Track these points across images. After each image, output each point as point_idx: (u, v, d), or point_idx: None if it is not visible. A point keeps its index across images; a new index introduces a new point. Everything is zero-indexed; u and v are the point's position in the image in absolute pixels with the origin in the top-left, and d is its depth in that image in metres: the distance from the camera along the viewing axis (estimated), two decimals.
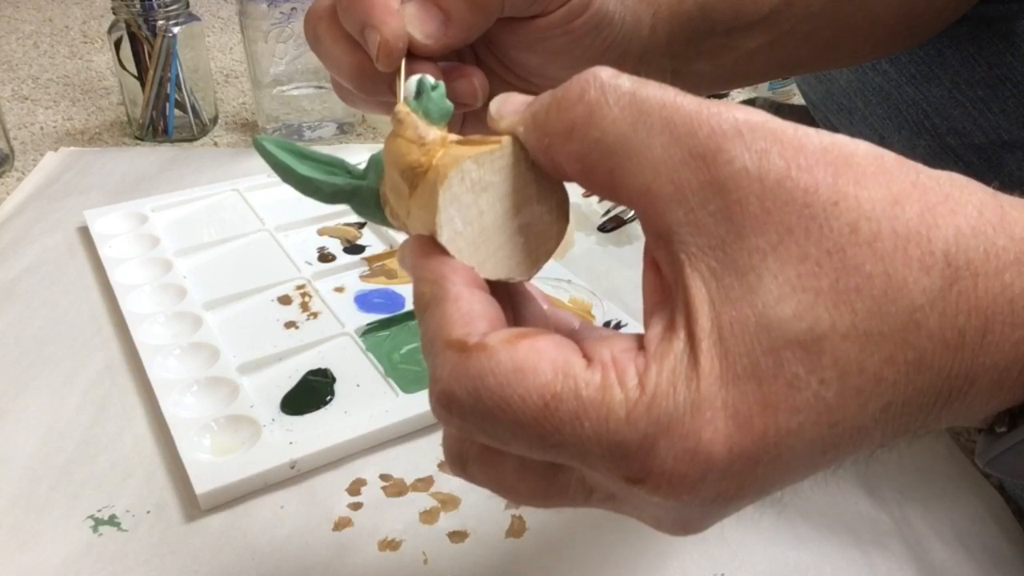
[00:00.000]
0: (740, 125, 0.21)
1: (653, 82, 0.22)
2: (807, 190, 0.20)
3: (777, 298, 0.20)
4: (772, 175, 0.20)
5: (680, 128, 0.21)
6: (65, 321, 0.63)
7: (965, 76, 0.53)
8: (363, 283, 0.66)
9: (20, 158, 0.92)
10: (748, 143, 0.20)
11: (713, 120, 0.21)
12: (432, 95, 0.28)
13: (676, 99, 0.22)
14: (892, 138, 0.60)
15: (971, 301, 0.19)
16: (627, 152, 0.22)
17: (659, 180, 0.21)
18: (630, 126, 0.21)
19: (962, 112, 0.54)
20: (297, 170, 0.32)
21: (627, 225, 0.76)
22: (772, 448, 0.20)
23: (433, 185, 0.25)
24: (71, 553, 0.44)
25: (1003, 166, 0.54)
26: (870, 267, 0.19)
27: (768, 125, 0.21)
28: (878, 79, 0.58)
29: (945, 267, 0.19)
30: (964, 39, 0.52)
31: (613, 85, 0.22)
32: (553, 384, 0.21)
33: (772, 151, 0.20)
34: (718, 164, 0.20)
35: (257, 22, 0.89)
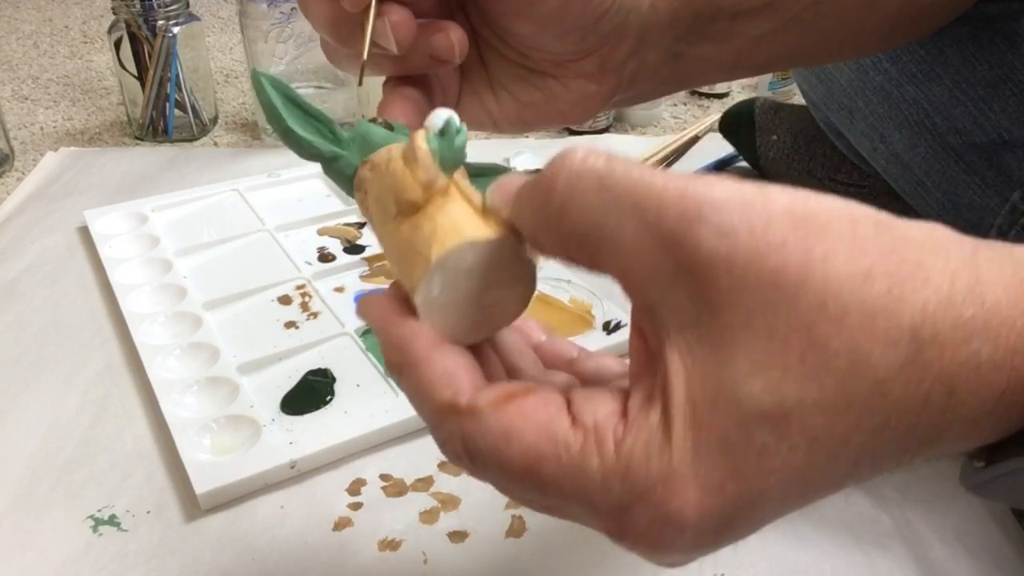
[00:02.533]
0: (706, 208, 0.21)
1: (623, 162, 0.23)
2: (775, 270, 0.20)
3: (747, 374, 0.20)
4: (740, 257, 0.20)
5: (648, 214, 0.21)
6: (65, 321, 0.63)
7: (966, 75, 0.53)
8: (363, 283, 0.66)
9: (20, 158, 0.92)
10: (715, 225, 0.21)
11: (680, 204, 0.21)
12: (456, 139, 0.27)
13: (644, 182, 0.22)
14: (892, 137, 0.60)
15: (936, 369, 0.20)
16: (601, 239, 0.22)
17: (634, 264, 0.22)
18: (602, 215, 0.22)
19: (963, 111, 0.54)
20: (284, 119, 0.31)
21: None
22: (745, 507, 0.21)
23: (423, 234, 0.26)
24: (71, 553, 0.44)
25: (1004, 165, 0.54)
26: (836, 343, 0.20)
27: (735, 202, 0.21)
28: (879, 78, 0.58)
29: (911, 340, 0.20)
30: (965, 38, 0.52)
31: (584, 172, 0.23)
32: (536, 447, 0.22)
33: (740, 232, 0.20)
34: (686, 250, 0.21)
35: (257, 22, 0.88)
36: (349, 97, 0.95)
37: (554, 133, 0.96)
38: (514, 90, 0.40)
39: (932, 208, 0.61)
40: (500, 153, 0.87)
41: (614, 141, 0.92)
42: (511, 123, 0.41)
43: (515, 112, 0.40)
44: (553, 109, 0.40)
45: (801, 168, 0.76)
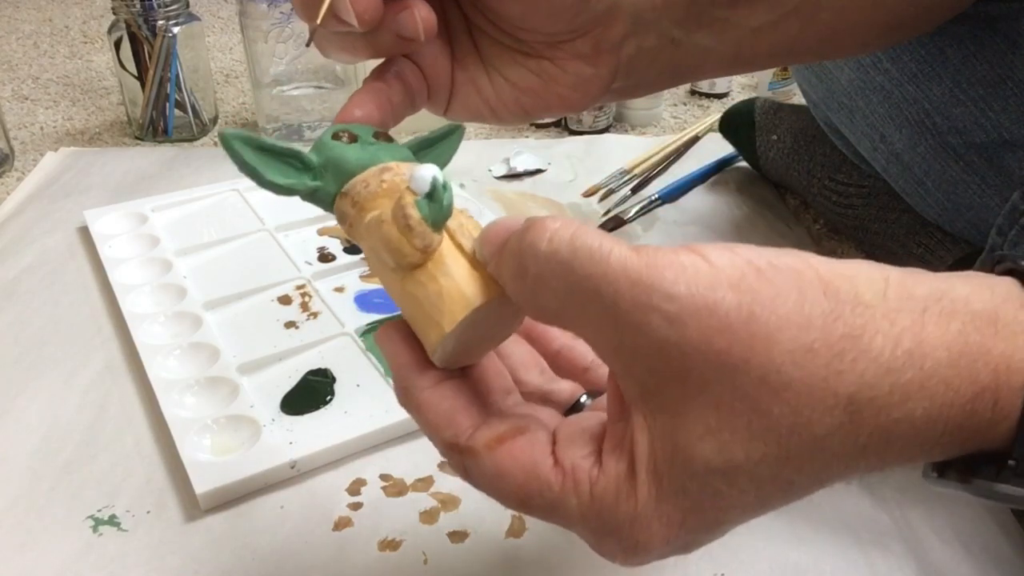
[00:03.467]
0: (656, 297, 0.23)
1: (586, 245, 0.24)
2: (720, 352, 0.22)
3: (700, 437, 0.23)
4: (689, 342, 0.22)
5: (607, 300, 0.23)
6: (65, 321, 0.63)
7: (966, 75, 0.53)
8: (363, 283, 0.66)
9: (20, 158, 0.92)
10: (665, 315, 0.22)
11: (633, 292, 0.23)
12: (444, 199, 0.28)
13: (603, 268, 0.23)
14: (893, 137, 0.60)
15: (872, 425, 0.22)
16: (570, 319, 0.25)
17: (599, 341, 0.25)
18: (568, 299, 0.25)
19: (963, 111, 0.54)
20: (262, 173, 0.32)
21: (627, 225, 0.76)
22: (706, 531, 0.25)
23: (429, 295, 0.28)
24: (71, 553, 0.44)
25: (1004, 165, 0.54)
26: (778, 411, 0.22)
27: (683, 290, 0.22)
28: (879, 78, 0.58)
29: (848, 405, 0.22)
30: (966, 38, 0.52)
31: (550, 257, 0.25)
32: (525, 486, 0.26)
33: (688, 322, 0.22)
34: (641, 337, 0.23)
35: (257, 22, 0.88)
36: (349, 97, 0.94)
37: (554, 133, 0.96)
38: (510, 75, 0.39)
39: (932, 208, 0.61)
40: (500, 153, 0.87)
41: (614, 141, 0.92)
42: (509, 110, 0.40)
43: (512, 98, 0.40)
44: (551, 94, 0.40)
45: (801, 168, 0.76)
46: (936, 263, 0.62)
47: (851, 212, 0.71)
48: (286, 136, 0.94)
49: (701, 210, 0.78)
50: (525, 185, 0.83)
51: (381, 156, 0.32)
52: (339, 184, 0.32)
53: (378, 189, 0.31)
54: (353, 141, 0.32)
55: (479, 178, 0.84)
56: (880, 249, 0.68)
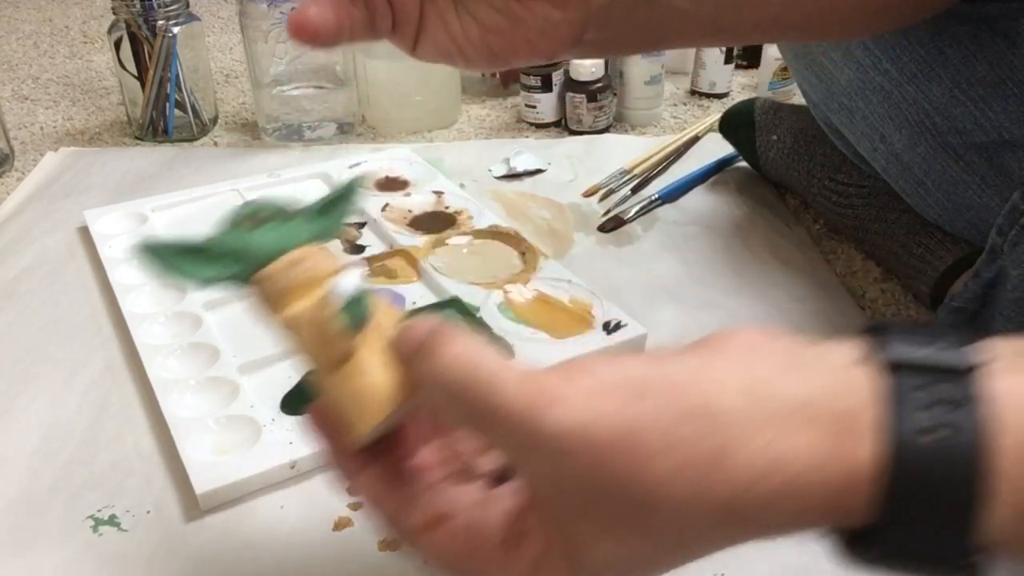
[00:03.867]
0: (544, 438, 0.25)
1: (485, 374, 0.26)
2: (604, 478, 0.24)
3: (589, 542, 0.26)
4: (576, 472, 0.25)
5: (499, 432, 0.26)
6: (65, 321, 0.63)
7: (966, 75, 0.53)
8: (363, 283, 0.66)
9: (20, 158, 0.92)
10: (552, 451, 0.25)
11: (521, 431, 0.25)
12: (364, 307, 0.31)
13: (496, 404, 0.26)
14: (893, 137, 0.59)
15: (742, 523, 0.25)
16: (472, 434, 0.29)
17: (495, 453, 0.28)
18: (467, 423, 0.27)
19: (963, 111, 0.54)
20: (185, 276, 0.33)
21: (627, 225, 0.76)
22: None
23: (352, 394, 0.30)
24: (71, 553, 0.44)
25: (1004, 165, 0.54)
26: (656, 522, 0.25)
27: (567, 433, 0.25)
28: (879, 78, 0.58)
29: (718, 513, 0.24)
30: (965, 38, 0.52)
31: (449, 384, 0.27)
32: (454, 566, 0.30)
33: (574, 458, 0.25)
34: (531, 463, 0.26)
35: (257, 22, 0.88)
36: (349, 97, 0.95)
37: (554, 133, 0.96)
38: (478, 13, 0.39)
39: (932, 208, 0.61)
40: (500, 153, 0.87)
41: (614, 141, 0.92)
42: (476, 51, 0.40)
43: (479, 38, 0.39)
44: (518, 37, 0.39)
45: (801, 168, 0.76)
46: (936, 263, 0.62)
47: (851, 212, 0.71)
48: (286, 136, 0.94)
49: (701, 210, 0.78)
50: (525, 185, 0.83)
51: (291, 239, 0.32)
52: (252, 270, 0.32)
53: (294, 282, 0.31)
54: (257, 225, 0.33)
55: (479, 178, 0.84)
56: (880, 249, 0.68)
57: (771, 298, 0.65)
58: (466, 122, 0.99)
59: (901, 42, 0.55)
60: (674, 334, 0.61)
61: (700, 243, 0.73)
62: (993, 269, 0.51)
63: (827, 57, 0.62)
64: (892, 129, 0.59)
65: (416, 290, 0.65)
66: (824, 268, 0.69)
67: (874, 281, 0.68)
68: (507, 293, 0.63)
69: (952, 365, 0.24)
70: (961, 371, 0.24)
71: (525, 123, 0.99)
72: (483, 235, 0.71)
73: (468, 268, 0.67)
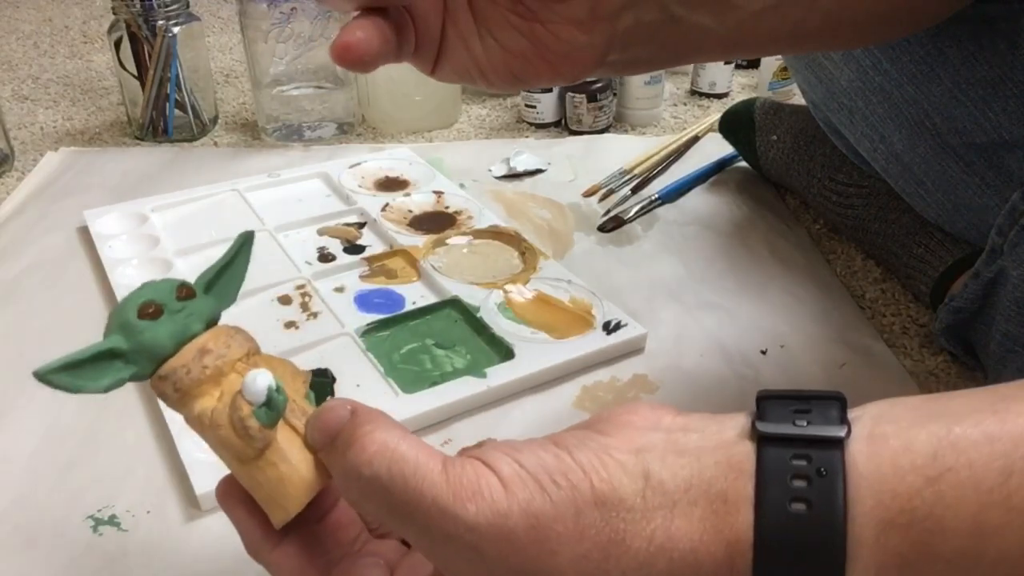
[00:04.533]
0: (462, 529, 0.26)
1: (406, 469, 0.27)
2: (515, 567, 0.26)
3: None
4: (490, 561, 0.26)
5: (419, 524, 0.27)
6: (65, 321, 0.63)
7: (966, 75, 0.53)
8: (363, 283, 0.66)
9: (20, 158, 0.92)
10: (468, 543, 0.26)
11: (441, 522, 0.26)
12: (279, 404, 0.30)
13: (418, 498, 0.27)
14: (893, 137, 0.59)
15: None
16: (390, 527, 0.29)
17: (416, 545, 0.28)
18: (387, 516, 0.28)
19: (963, 112, 0.54)
20: (84, 387, 0.31)
21: (627, 225, 0.76)
22: None
23: (271, 480, 0.30)
24: (71, 553, 0.44)
25: (1004, 166, 0.54)
26: None
27: (484, 524, 0.26)
28: (879, 78, 0.58)
29: None
30: (965, 38, 0.52)
31: (372, 479, 0.28)
32: None
33: (488, 547, 0.26)
34: (448, 555, 0.27)
35: (257, 22, 0.88)
36: (349, 97, 0.95)
37: (554, 133, 0.96)
38: (501, 37, 0.39)
39: (932, 208, 0.61)
40: (500, 153, 0.87)
41: (614, 141, 0.92)
42: (498, 74, 0.40)
43: (502, 61, 0.39)
44: (542, 61, 0.39)
45: (801, 168, 0.76)
46: (936, 263, 0.62)
47: (851, 212, 0.71)
48: (286, 136, 0.94)
49: (701, 210, 0.78)
50: (525, 185, 0.83)
51: (192, 325, 0.31)
52: (154, 365, 0.31)
53: (200, 376, 0.30)
54: (159, 314, 0.31)
55: (479, 178, 0.84)
56: (880, 249, 0.68)
57: (771, 298, 0.65)
58: (466, 122, 0.99)
59: (901, 43, 0.55)
60: (674, 334, 0.61)
61: (700, 243, 0.73)
62: (993, 269, 0.51)
63: (827, 58, 0.62)
64: (892, 129, 0.59)
65: (416, 290, 0.65)
66: (824, 268, 0.69)
67: (874, 281, 0.68)
68: (507, 293, 0.63)
69: (819, 437, 0.26)
70: (828, 441, 0.26)
71: (525, 123, 0.99)
72: (483, 235, 0.71)
73: (468, 268, 0.67)
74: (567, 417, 0.53)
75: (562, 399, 0.55)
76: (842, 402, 0.27)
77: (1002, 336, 0.50)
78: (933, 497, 0.24)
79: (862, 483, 0.25)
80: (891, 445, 0.25)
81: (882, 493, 0.24)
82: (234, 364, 0.31)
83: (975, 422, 0.25)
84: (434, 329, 0.60)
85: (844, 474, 0.25)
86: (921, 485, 0.24)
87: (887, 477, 0.25)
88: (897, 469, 0.25)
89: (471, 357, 0.58)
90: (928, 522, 0.24)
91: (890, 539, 0.24)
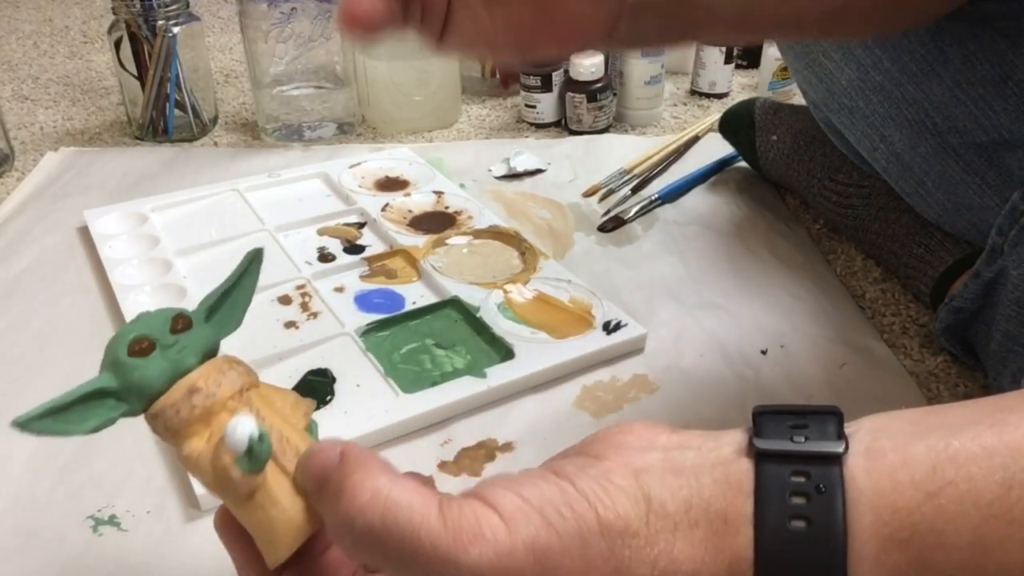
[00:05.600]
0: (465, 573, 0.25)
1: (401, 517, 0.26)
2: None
3: None
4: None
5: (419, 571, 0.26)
6: (65, 321, 0.63)
7: (967, 74, 0.53)
8: (363, 283, 0.66)
9: (20, 158, 0.92)
10: None
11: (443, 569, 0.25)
12: (262, 452, 0.29)
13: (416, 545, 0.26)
14: (893, 137, 0.59)
15: None
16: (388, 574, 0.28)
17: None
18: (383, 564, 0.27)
19: (963, 111, 0.54)
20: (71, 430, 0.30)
21: (627, 225, 0.76)
22: None
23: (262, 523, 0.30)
24: (71, 553, 0.44)
25: (1004, 165, 0.54)
26: None
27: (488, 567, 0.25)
28: (879, 77, 0.58)
29: None
30: (966, 37, 0.52)
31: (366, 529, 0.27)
32: None
33: None
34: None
35: (257, 22, 0.88)
36: (349, 97, 0.95)
37: (554, 133, 0.96)
38: (508, 6, 0.39)
39: (932, 208, 0.61)
40: (500, 153, 0.87)
41: (614, 141, 0.92)
42: (505, 44, 0.39)
43: (509, 31, 0.39)
44: (549, 31, 0.39)
45: (801, 168, 0.76)
46: (936, 263, 0.62)
47: (851, 212, 0.71)
48: (286, 136, 0.94)
49: (701, 210, 0.78)
50: (525, 185, 0.83)
51: (185, 360, 0.30)
52: (145, 403, 0.30)
53: (190, 416, 0.30)
54: (151, 349, 0.30)
55: (479, 178, 0.84)
56: (880, 249, 0.68)
57: (771, 298, 0.65)
58: (466, 122, 0.99)
59: (902, 41, 0.55)
60: (674, 334, 0.61)
61: (700, 243, 0.73)
62: (993, 269, 0.51)
63: (828, 57, 0.62)
64: (892, 129, 0.59)
65: (416, 290, 0.65)
66: (824, 268, 0.69)
67: (874, 281, 0.68)
68: (507, 293, 0.63)
69: (817, 453, 0.26)
70: (825, 458, 0.25)
71: (525, 123, 0.99)
72: (483, 235, 0.71)
73: (468, 268, 0.67)
74: (567, 417, 0.53)
75: (562, 399, 0.55)
76: (839, 417, 0.27)
77: (1002, 336, 0.50)
78: (933, 512, 0.24)
79: (861, 499, 0.25)
80: (889, 460, 0.25)
81: (881, 509, 0.24)
82: (225, 403, 0.30)
83: (973, 435, 0.25)
84: (434, 329, 0.60)
85: (843, 490, 0.25)
86: (921, 500, 0.24)
87: (886, 492, 0.24)
88: (896, 484, 0.25)
89: (471, 357, 0.58)
90: (929, 537, 0.24)
91: (890, 555, 0.24)
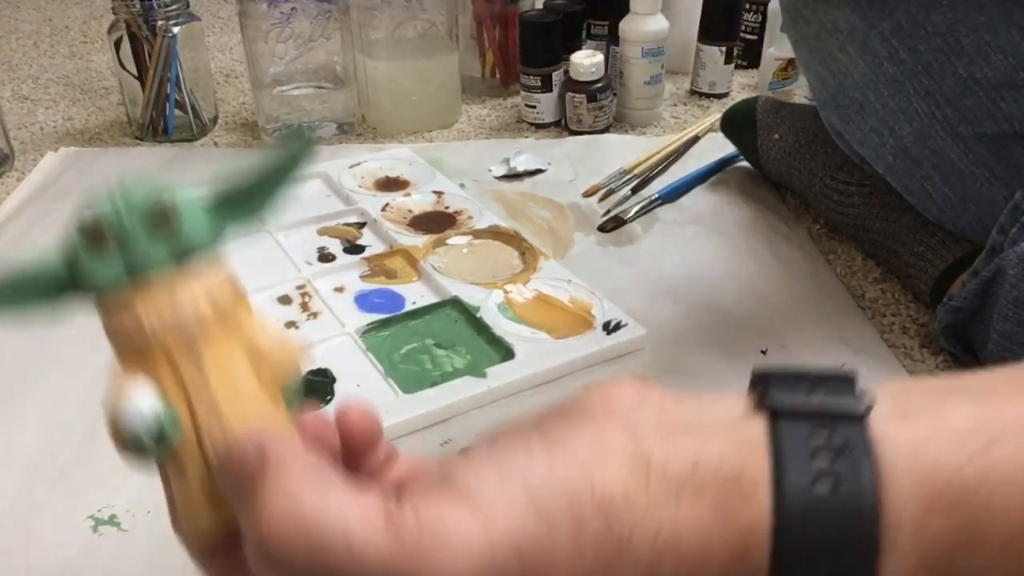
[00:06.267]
0: None
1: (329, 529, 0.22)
2: None
3: None
4: None
5: None
6: (65, 321, 0.63)
7: (980, 65, 0.53)
8: (363, 283, 0.66)
9: (20, 158, 0.92)
10: None
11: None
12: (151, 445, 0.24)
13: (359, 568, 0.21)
14: (903, 130, 0.59)
15: None
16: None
17: None
18: None
19: (975, 101, 0.54)
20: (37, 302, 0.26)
21: (627, 225, 0.75)
22: None
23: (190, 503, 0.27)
24: (71, 553, 0.44)
25: (1013, 158, 0.54)
26: None
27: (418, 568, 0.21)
28: (894, 69, 0.58)
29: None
30: (981, 28, 0.52)
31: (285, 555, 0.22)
32: None
33: None
34: None
35: (257, 22, 0.88)
36: (349, 97, 0.95)
37: (554, 133, 0.96)
38: None
39: (937, 204, 0.61)
40: (500, 153, 0.87)
41: (614, 141, 0.92)
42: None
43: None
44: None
45: (802, 167, 0.76)
46: (937, 262, 0.62)
47: (852, 211, 0.71)
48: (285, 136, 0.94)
49: (701, 210, 0.78)
50: (525, 185, 0.83)
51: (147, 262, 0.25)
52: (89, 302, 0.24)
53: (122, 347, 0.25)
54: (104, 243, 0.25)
55: (479, 179, 0.84)
56: (881, 248, 0.68)
57: (771, 298, 0.65)
58: (466, 122, 0.99)
59: (919, 32, 0.55)
60: (674, 334, 0.61)
61: (700, 243, 0.73)
62: (991, 268, 0.51)
63: (843, 51, 0.62)
64: (902, 121, 0.59)
65: (416, 290, 0.65)
66: (824, 268, 0.69)
67: (874, 281, 0.68)
68: (507, 293, 0.63)
69: (838, 411, 0.23)
70: (848, 417, 0.22)
71: (525, 123, 0.99)
72: (483, 235, 0.71)
73: (468, 268, 0.67)
74: None
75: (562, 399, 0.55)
76: (852, 379, 0.24)
77: (999, 335, 0.50)
78: (983, 470, 0.21)
79: (898, 460, 0.22)
80: (923, 417, 0.22)
81: (922, 468, 0.21)
82: (165, 343, 0.24)
83: (1006, 394, 0.22)
84: (434, 329, 0.60)
85: (873, 450, 0.22)
86: (965, 459, 0.21)
87: (926, 451, 0.22)
88: (935, 442, 0.22)
89: (471, 357, 0.58)
90: (979, 498, 0.21)
91: (935, 520, 0.21)
